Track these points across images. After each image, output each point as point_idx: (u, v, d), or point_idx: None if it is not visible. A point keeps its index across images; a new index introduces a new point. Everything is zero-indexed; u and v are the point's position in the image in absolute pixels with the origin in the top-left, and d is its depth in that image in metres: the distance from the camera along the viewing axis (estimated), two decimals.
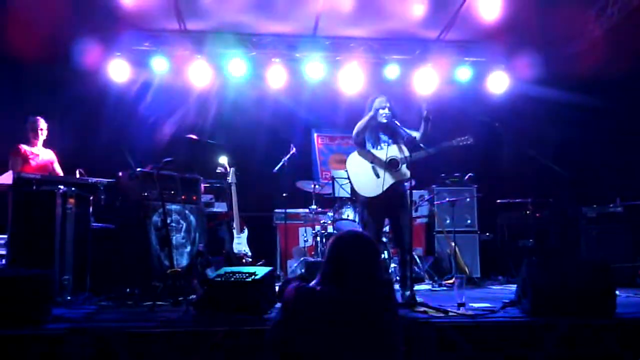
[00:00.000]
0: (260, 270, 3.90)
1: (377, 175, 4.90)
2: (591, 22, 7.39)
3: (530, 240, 7.10)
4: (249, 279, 3.80)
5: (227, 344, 3.51)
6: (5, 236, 5.05)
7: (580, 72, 7.29)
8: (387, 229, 5.89)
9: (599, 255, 6.27)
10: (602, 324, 3.62)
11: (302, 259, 6.67)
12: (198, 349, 3.49)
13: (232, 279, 3.84)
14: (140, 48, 7.85)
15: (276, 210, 7.39)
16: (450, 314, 3.89)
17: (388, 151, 4.92)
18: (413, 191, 5.02)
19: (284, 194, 6.84)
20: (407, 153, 4.93)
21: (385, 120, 5.01)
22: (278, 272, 6.71)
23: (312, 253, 6.77)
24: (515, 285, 5.71)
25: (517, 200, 7.36)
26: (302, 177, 7.36)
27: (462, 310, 4.01)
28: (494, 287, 6.40)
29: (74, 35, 7.27)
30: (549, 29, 7.39)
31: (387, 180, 4.87)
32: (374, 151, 5.03)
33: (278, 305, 4.13)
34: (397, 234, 4.94)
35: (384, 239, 6.18)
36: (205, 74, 7.95)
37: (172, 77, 8.03)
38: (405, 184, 5.02)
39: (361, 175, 5.00)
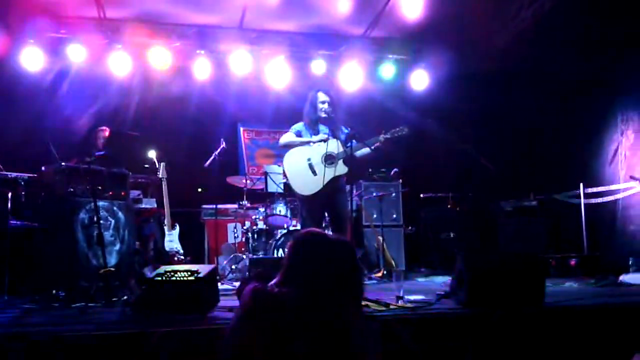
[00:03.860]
0: (203, 269, 3.81)
1: (314, 173, 4.94)
2: (507, 23, 7.76)
3: (452, 234, 7.40)
4: (192, 278, 3.71)
5: (170, 345, 3.41)
6: None
7: (495, 69, 7.67)
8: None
9: (516, 247, 6.63)
10: (532, 312, 3.83)
11: (232, 255, 6.59)
12: (141, 350, 3.36)
13: (174, 277, 3.73)
14: (55, 35, 7.40)
15: (204, 206, 7.24)
16: (391, 307, 3.97)
17: (328, 145, 4.97)
18: None
19: (199, 190, 6.72)
20: (344, 149, 4.99)
21: (324, 114, 5.06)
22: None
23: (243, 249, 6.69)
24: (442, 277, 5.98)
25: (439, 195, 7.64)
26: (230, 172, 7.25)
27: (401, 303, 4.11)
28: (419, 280, 6.60)
29: None
30: (468, 28, 7.69)
31: (326, 176, 4.91)
32: (312, 137, 5.06)
33: (222, 304, 4.08)
34: (336, 227, 5.01)
35: None
36: (126, 64, 7.62)
37: (90, 67, 7.63)
38: (343, 179, 5.10)
39: (298, 174, 5.03)
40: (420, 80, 8.49)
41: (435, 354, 3.69)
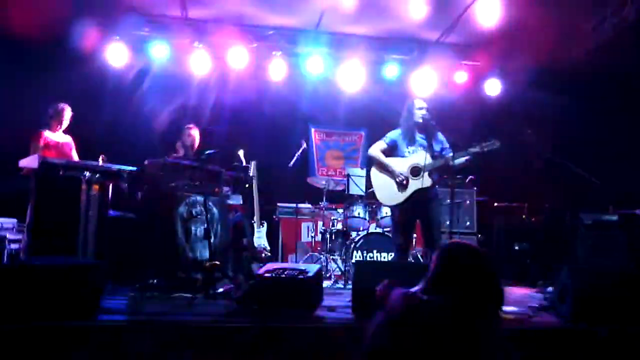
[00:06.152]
0: (310, 268, 3.88)
1: (399, 184, 4.99)
2: (587, 34, 7.60)
3: (526, 245, 7.27)
4: (301, 277, 3.78)
5: (283, 339, 3.48)
6: (14, 220, 4.88)
7: (574, 78, 7.53)
8: None
9: (595, 262, 6.45)
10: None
11: (308, 254, 6.65)
12: (251, 342, 3.45)
13: (283, 275, 3.81)
14: (139, 33, 7.62)
15: (280, 204, 7.32)
16: None
17: (420, 156, 4.98)
18: None
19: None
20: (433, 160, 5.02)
21: (421, 120, 5.07)
22: None
23: (318, 249, 6.73)
24: (517, 289, 5.91)
25: (514, 204, 7.54)
26: (305, 173, 7.32)
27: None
28: None
29: (73, 16, 7.01)
30: (546, 38, 7.56)
31: (409, 188, 4.97)
32: (396, 160, 5.09)
33: (326, 303, 4.14)
34: (429, 235, 5.02)
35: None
36: (206, 63, 7.80)
37: (171, 64, 7.83)
38: (432, 188, 5.11)
39: (382, 184, 5.10)
40: (493, 87, 8.42)
41: None
